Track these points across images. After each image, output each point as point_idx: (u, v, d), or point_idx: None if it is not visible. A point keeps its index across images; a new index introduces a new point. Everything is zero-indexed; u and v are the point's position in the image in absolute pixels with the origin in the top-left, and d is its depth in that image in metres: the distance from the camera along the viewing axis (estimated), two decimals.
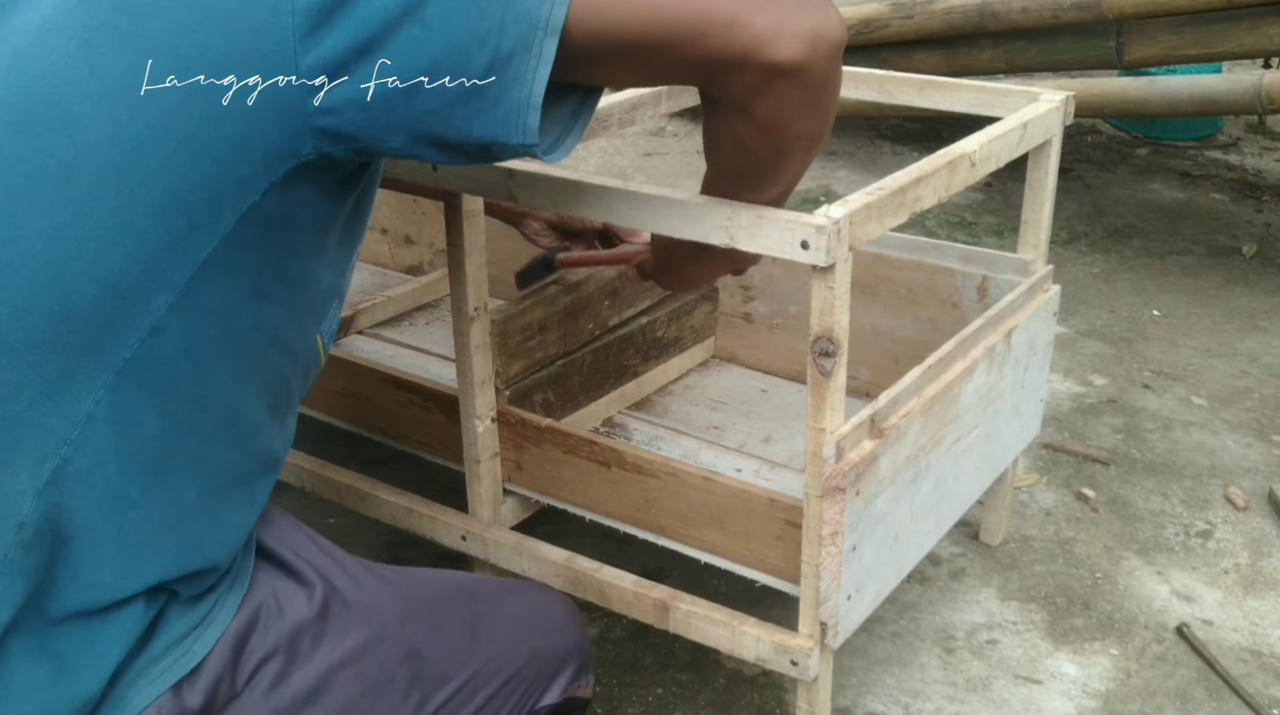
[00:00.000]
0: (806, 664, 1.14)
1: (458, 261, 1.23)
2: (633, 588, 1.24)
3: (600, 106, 1.30)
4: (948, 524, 1.34)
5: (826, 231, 0.97)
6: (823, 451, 1.07)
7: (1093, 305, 2.37)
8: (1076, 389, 2.04)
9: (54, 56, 0.72)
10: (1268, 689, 1.38)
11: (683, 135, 3.30)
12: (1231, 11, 2.44)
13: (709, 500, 1.21)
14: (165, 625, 0.81)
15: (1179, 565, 1.59)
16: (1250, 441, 1.88)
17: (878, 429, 1.14)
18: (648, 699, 1.35)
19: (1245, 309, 2.37)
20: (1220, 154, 3.31)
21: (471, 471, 1.33)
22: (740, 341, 1.69)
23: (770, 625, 1.17)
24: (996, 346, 1.31)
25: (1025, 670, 1.40)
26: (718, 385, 1.65)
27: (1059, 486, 1.76)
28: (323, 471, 1.47)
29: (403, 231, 1.95)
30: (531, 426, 1.31)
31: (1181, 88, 2.62)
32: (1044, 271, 1.45)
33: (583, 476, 1.30)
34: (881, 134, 3.39)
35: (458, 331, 1.26)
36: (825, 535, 1.09)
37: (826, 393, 1.05)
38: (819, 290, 1.01)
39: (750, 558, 1.21)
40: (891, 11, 2.84)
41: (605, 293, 1.46)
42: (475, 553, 1.36)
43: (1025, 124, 1.30)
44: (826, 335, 1.02)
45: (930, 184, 1.12)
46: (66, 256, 0.72)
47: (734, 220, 1.00)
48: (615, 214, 1.06)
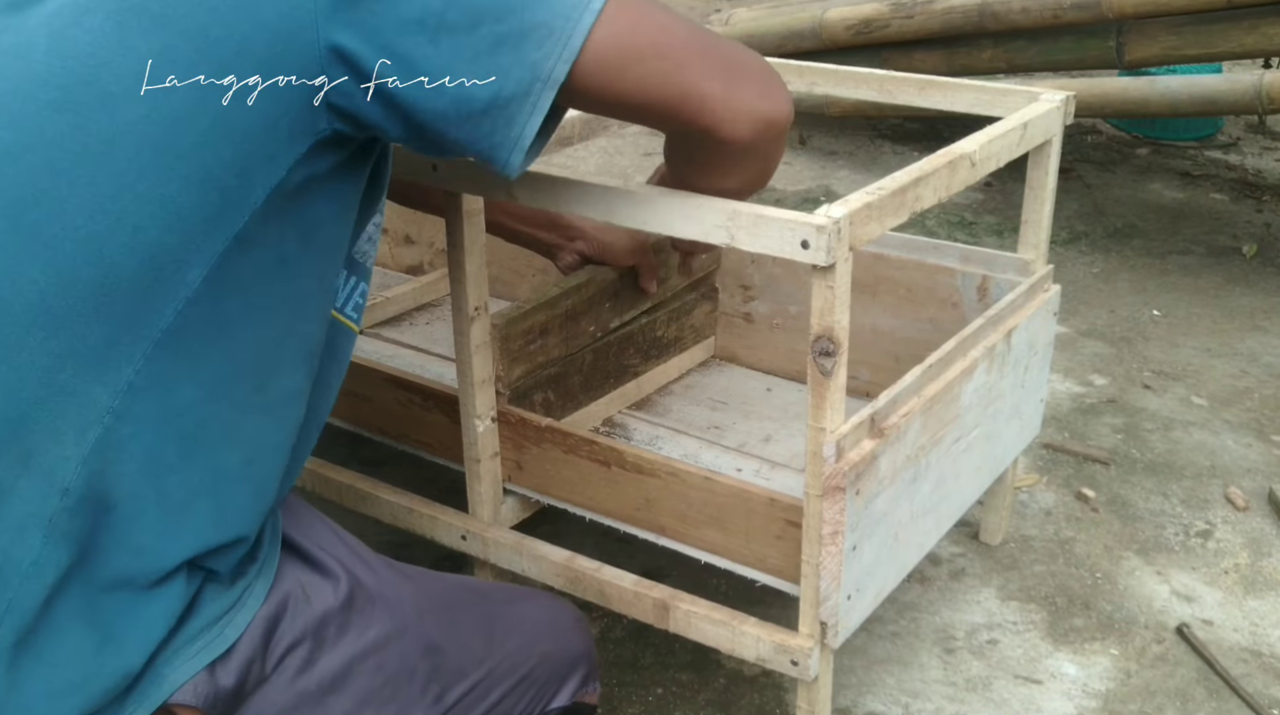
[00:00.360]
0: (807, 664, 1.14)
1: (458, 261, 1.23)
2: (633, 587, 1.24)
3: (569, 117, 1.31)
4: (948, 524, 1.34)
5: (827, 231, 0.98)
6: (823, 451, 1.07)
7: (1093, 305, 2.37)
8: (1076, 389, 2.04)
9: (90, 37, 0.75)
10: (1268, 689, 1.38)
11: None
12: (1232, 11, 2.44)
13: (709, 500, 1.21)
14: (201, 606, 0.84)
15: (1179, 565, 1.59)
16: (1250, 441, 1.88)
17: (878, 428, 1.14)
18: (648, 699, 1.35)
19: (1245, 309, 2.37)
20: (1220, 154, 3.31)
21: (471, 471, 1.33)
22: (740, 341, 1.69)
23: (770, 625, 1.17)
24: (997, 346, 1.31)
25: (1025, 670, 1.40)
26: (718, 385, 1.65)
27: (1059, 486, 1.76)
28: (323, 471, 1.47)
29: (403, 231, 1.95)
30: (532, 426, 1.31)
31: (1182, 88, 2.62)
32: (1044, 271, 1.45)
33: (583, 476, 1.30)
34: (882, 134, 3.39)
35: (458, 331, 1.26)
36: (825, 535, 1.09)
37: (827, 392, 1.05)
38: (819, 290, 1.01)
39: (750, 557, 1.21)
40: (892, 11, 2.84)
41: (607, 295, 1.46)
42: (475, 552, 1.36)
43: (1026, 124, 1.30)
44: (827, 334, 1.02)
45: (930, 184, 1.12)
46: (107, 230, 0.75)
47: (735, 220, 1.01)
48: (616, 214, 1.07)
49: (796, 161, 3.16)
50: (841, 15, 2.92)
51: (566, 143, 1.28)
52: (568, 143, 1.28)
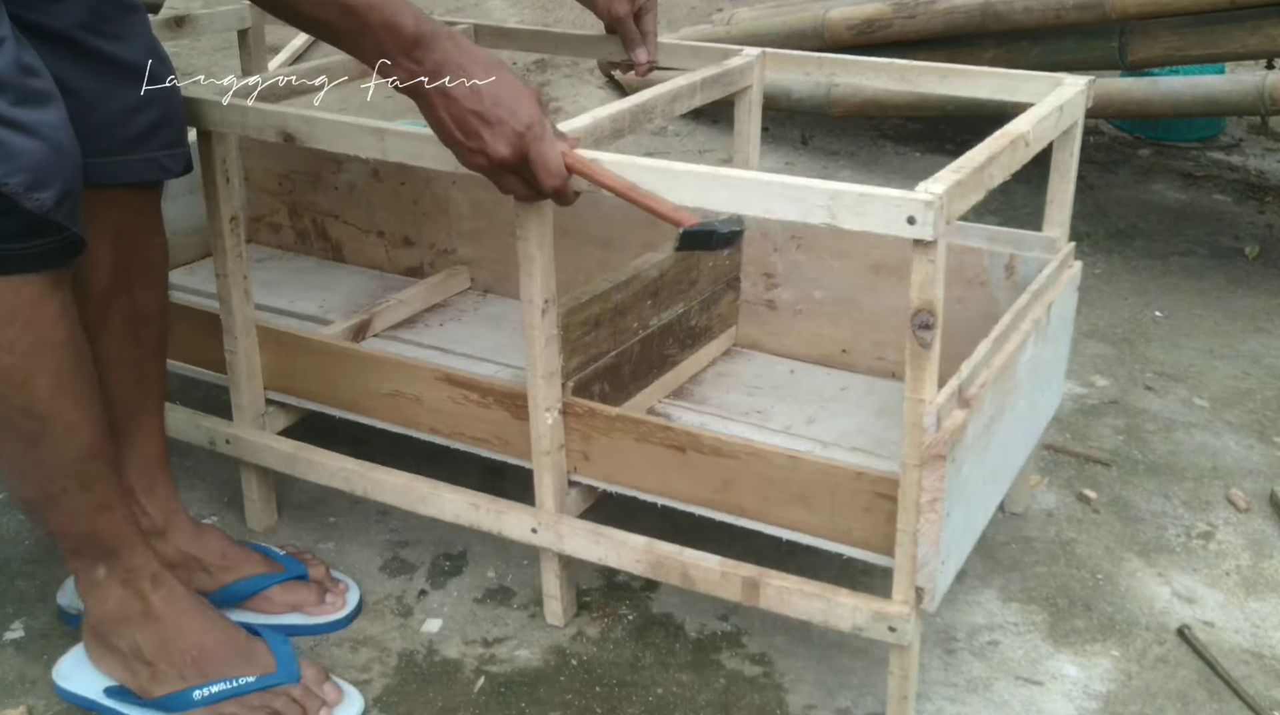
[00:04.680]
0: (904, 629, 1.19)
1: (528, 254, 1.25)
2: (719, 568, 1.28)
3: (614, 110, 1.33)
4: (1004, 491, 1.40)
5: (933, 207, 1.02)
6: (922, 421, 1.11)
7: (1094, 306, 2.37)
8: (1078, 390, 2.04)
9: None
10: (1269, 690, 1.37)
11: (684, 135, 3.30)
12: (1235, 13, 2.44)
13: (793, 477, 1.24)
14: None
15: (1180, 567, 1.59)
16: (1252, 443, 1.88)
17: (963, 399, 1.18)
18: (648, 699, 1.35)
19: (1248, 310, 2.37)
20: (1223, 155, 3.30)
21: (540, 464, 1.35)
22: (763, 328, 1.72)
23: (865, 595, 1.22)
24: (1040, 319, 1.36)
25: (1026, 671, 1.40)
26: (748, 371, 1.68)
27: (1060, 487, 1.76)
28: (374, 475, 1.48)
29: (401, 233, 1.95)
30: (601, 416, 1.33)
31: (1184, 88, 2.62)
32: (1069, 248, 1.51)
33: (655, 463, 1.32)
34: (884, 134, 3.39)
35: (527, 324, 1.28)
36: (924, 502, 1.13)
37: (925, 364, 1.09)
38: (920, 264, 1.06)
39: (836, 532, 1.24)
40: (894, 11, 2.83)
41: (649, 291, 1.50)
42: (547, 544, 1.38)
43: (1062, 106, 1.35)
44: (927, 307, 1.06)
45: (999, 162, 1.17)
46: None
47: (837, 199, 1.06)
48: (711, 198, 1.12)
49: (799, 161, 3.16)
50: (844, 15, 2.92)
51: (619, 135, 1.31)
52: (619, 135, 1.31)
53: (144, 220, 1.33)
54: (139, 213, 1.32)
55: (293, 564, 1.46)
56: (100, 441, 1.21)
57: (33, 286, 1.11)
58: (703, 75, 1.50)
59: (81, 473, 1.20)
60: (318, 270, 2.00)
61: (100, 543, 1.25)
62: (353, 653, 1.41)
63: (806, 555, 1.31)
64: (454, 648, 1.42)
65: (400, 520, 1.65)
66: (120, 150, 1.26)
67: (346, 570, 1.55)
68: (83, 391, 1.17)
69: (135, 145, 1.27)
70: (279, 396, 1.57)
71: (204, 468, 1.77)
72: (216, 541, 1.44)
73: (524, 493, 1.42)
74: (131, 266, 1.33)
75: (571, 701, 1.34)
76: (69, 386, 1.16)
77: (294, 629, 1.41)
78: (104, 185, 1.25)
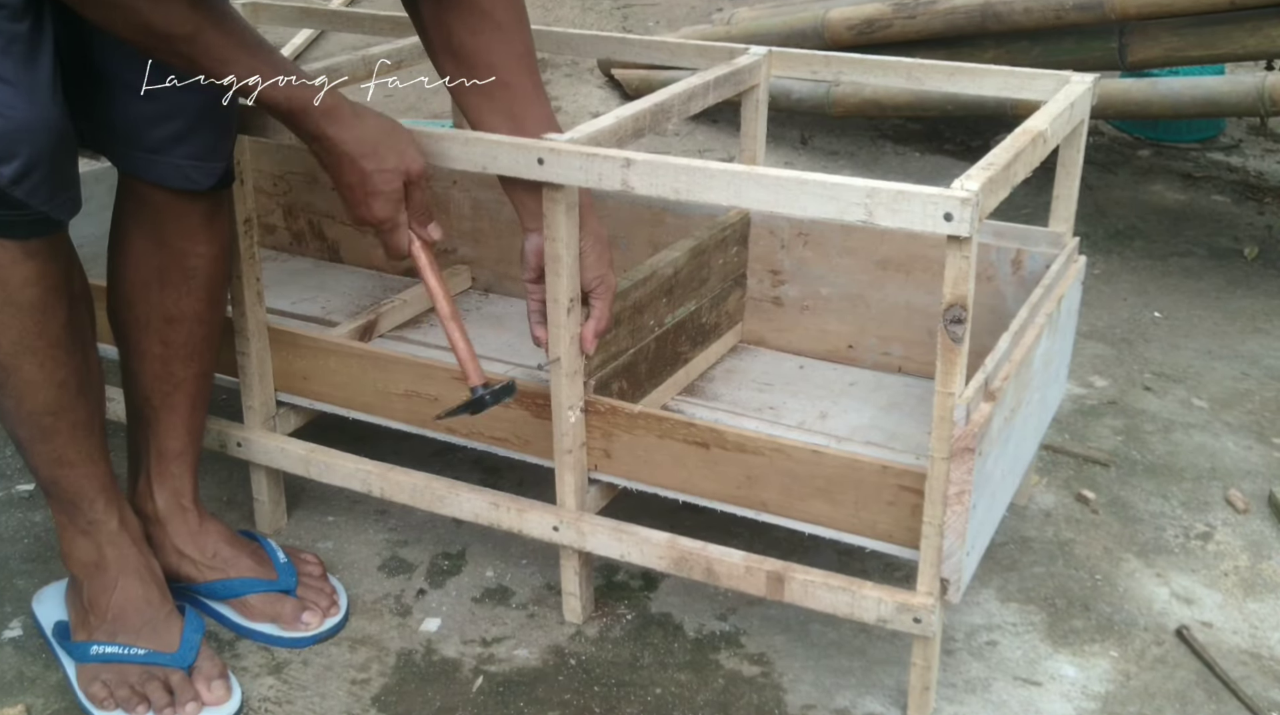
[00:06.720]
0: (929, 620, 1.20)
1: (555, 254, 1.26)
2: (743, 562, 1.28)
3: (635, 110, 1.34)
4: (1018, 483, 1.42)
5: (970, 204, 1.04)
6: (952, 415, 1.12)
7: (1094, 306, 2.37)
8: (1077, 390, 2.04)
9: None
10: (1267, 691, 1.38)
11: (684, 135, 3.30)
12: (1234, 13, 2.44)
13: (817, 472, 1.25)
14: None
15: (1179, 567, 1.59)
16: (1251, 444, 1.88)
17: (989, 392, 1.19)
18: (646, 699, 1.35)
19: (1246, 311, 2.37)
20: (1222, 156, 3.31)
21: (562, 462, 1.35)
22: (769, 325, 1.73)
23: (889, 587, 1.23)
24: (1053, 313, 1.38)
25: (1024, 672, 1.40)
26: (756, 368, 1.69)
27: (1059, 488, 1.76)
28: (391, 475, 1.48)
29: None
30: (623, 414, 1.33)
31: (1184, 89, 2.62)
32: (1074, 242, 1.52)
33: (678, 459, 1.32)
34: (884, 134, 3.39)
35: (553, 323, 1.29)
36: (951, 495, 1.14)
37: (956, 359, 1.10)
38: (954, 260, 1.07)
39: (859, 526, 1.25)
40: (894, 11, 2.84)
41: (664, 289, 1.51)
42: (569, 542, 1.38)
43: (1073, 104, 1.36)
44: (959, 302, 1.08)
45: (1023, 160, 1.18)
46: None
47: (873, 197, 1.07)
48: (745, 197, 1.13)
49: (798, 162, 3.16)
50: (844, 15, 2.92)
51: (640, 134, 1.32)
52: (641, 134, 1.32)
53: (181, 225, 1.34)
54: (177, 217, 1.33)
55: (286, 575, 1.45)
56: (63, 402, 1.26)
57: (3, 251, 1.16)
58: (715, 75, 1.50)
59: (42, 426, 1.27)
60: (316, 271, 2.00)
61: (62, 492, 1.32)
62: (351, 652, 1.41)
63: (805, 553, 1.31)
64: (452, 647, 1.43)
65: (399, 519, 1.65)
66: (151, 149, 1.30)
67: (345, 569, 1.55)
68: (45, 355, 1.22)
69: (161, 149, 1.29)
70: (289, 398, 1.56)
71: (207, 467, 1.77)
72: (213, 542, 1.45)
73: (524, 492, 1.42)
74: (165, 267, 1.35)
75: (570, 701, 1.34)
76: (32, 348, 1.21)
77: (267, 638, 1.43)
78: (140, 178, 1.31)
